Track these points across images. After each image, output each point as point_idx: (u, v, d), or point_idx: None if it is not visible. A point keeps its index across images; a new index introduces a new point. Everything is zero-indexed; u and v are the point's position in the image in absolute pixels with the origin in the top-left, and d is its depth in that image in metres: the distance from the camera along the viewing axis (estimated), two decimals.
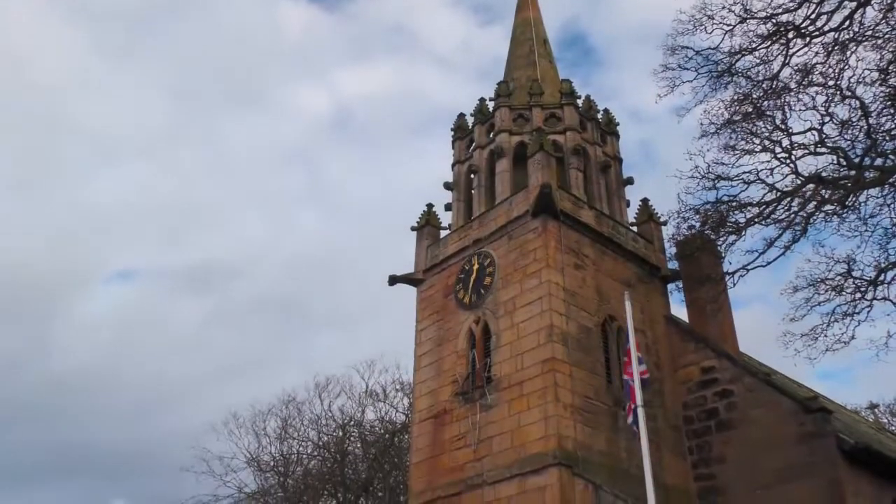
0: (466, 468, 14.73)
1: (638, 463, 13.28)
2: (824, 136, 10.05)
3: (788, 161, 10.13)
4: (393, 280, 18.89)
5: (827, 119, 10.16)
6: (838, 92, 10.06)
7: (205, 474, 36.12)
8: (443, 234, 19.14)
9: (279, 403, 30.91)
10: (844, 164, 9.75)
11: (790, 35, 10.39)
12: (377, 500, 29.45)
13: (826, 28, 10.11)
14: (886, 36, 9.58)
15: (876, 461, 14.05)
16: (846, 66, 9.99)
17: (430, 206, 19.88)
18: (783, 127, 10.44)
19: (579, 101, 19.63)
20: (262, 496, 28.55)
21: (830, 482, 13.16)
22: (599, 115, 20.09)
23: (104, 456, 79.60)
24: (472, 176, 19.52)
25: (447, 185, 19.90)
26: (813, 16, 10.13)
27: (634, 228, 18.65)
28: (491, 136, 19.24)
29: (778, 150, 10.32)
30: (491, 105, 19.73)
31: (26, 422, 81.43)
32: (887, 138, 9.64)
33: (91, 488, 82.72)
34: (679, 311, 18.32)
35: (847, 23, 9.90)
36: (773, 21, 10.45)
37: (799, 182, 9.88)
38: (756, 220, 9.98)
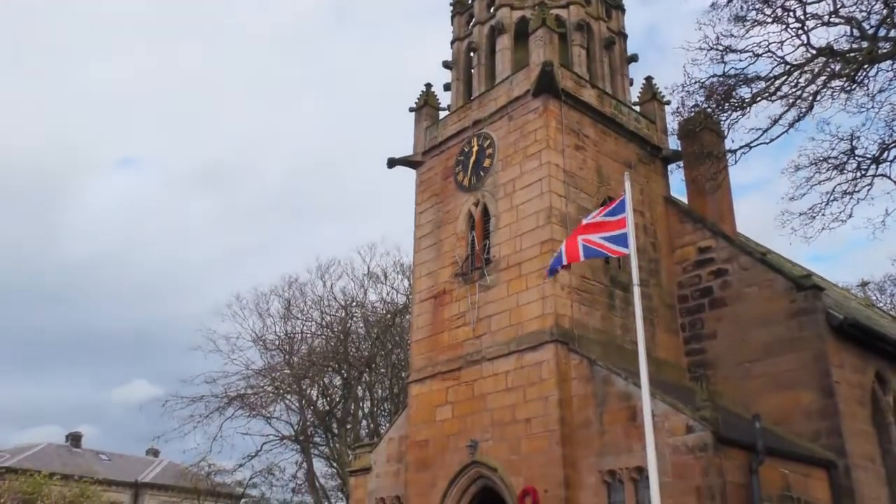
0: (465, 345, 15.23)
1: (632, 339, 13.73)
2: (839, 4, 9.62)
3: (800, 32, 9.76)
4: (392, 163, 18.75)
5: None
6: None
7: (212, 353, 37.51)
8: (442, 115, 18.79)
9: (282, 285, 31.63)
10: (858, 35, 9.39)
11: None
12: (380, 376, 30.72)
13: None
14: None
15: (863, 335, 14.51)
16: None
17: (428, 86, 19.40)
18: None
19: None
20: (268, 372, 29.69)
21: (816, 355, 13.65)
22: None
23: (120, 338, 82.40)
24: (472, 54, 18.91)
25: (446, 64, 19.33)
26: None
27: (637, 108, 18.31)
28: (491, 10, 18.48)
29: (790, 20, 9.91)
30: None
31: (43, 305, 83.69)
32: None
33: (110, 368, 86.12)
34: (679, 193, 18.36)
35: None
36: None
37: (810, 55, 9.56)
38: (762, 95, 9.75)
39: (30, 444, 42.59)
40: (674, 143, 18.06)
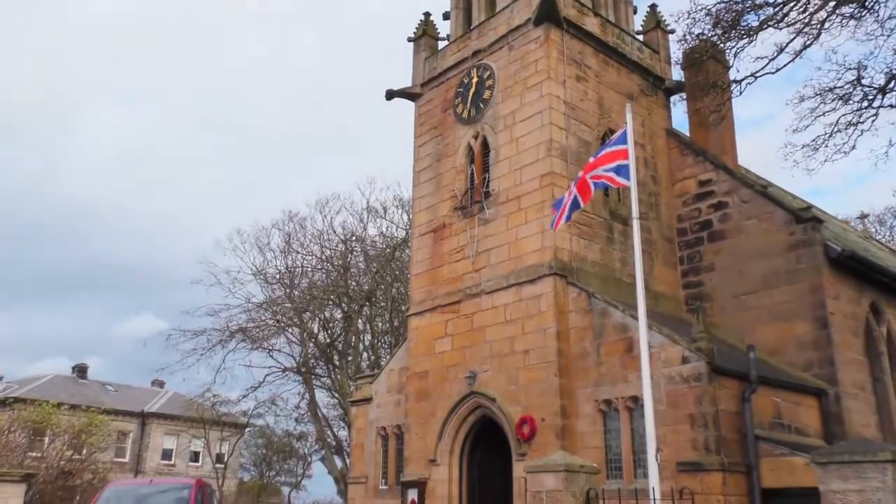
0: (465, 279, 15.33)
1: (630, 272, 13.82)
2: None
3: None
4: (390, 94, 18.43)
5: None
6: None
7: (214, 286, 37.85)
8: (441, 45, 18.37)
9: (282, 219, 31.62)
10: None
11: None
12: (380, 309, 31.04)
13: None
14: None
15: (859, 267, 14.60)
16: None
17: (427, 14, 18.88)
18: None
19: None
20: (269, 306, 29.99)
21: (813, 287, 13.77)
22: None
23: (125, 273, 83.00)
24: None
25: None
26: None
27: (640, 38, 17.88)
28: None
29: None
30: None
31: (48, 241, 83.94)
32: None
33: (117, 303, 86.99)
34: (681, 126, 18.14)
35: None
36: None
37: None
38: (770, 22, 9.49)
39: (37, 375, 43.42)
40: (677, 74, 17.74)
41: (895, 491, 6.39)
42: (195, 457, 42.15)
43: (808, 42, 9.41)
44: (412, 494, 15.00)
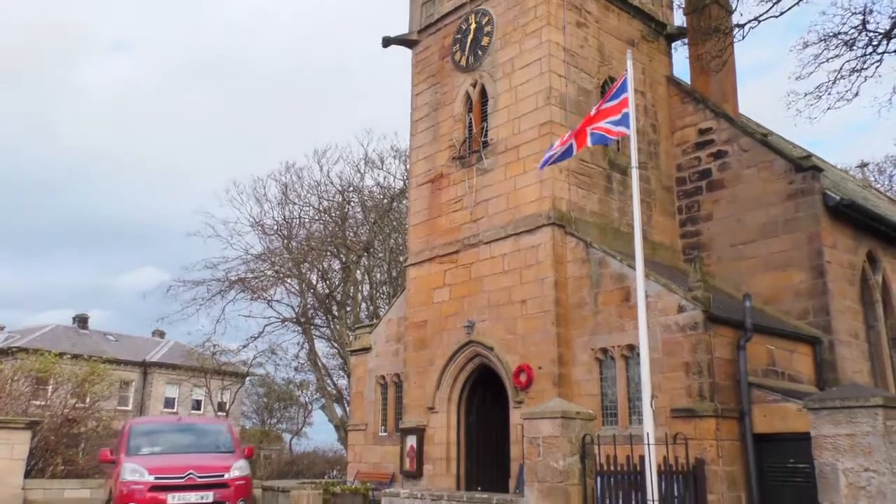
0: (463, 229, 15.31)
1: (628, 221, 13.82)
2: None
3: None
4: (387, 41, 18.10)
5: None
6: None
7: (211, 238, 37.82)
8: None
9: (279, 169, 31.47)
10: None
11: None
12: (378, 260, 31.13)
13: None
14: None
15: (858, 216, 14.59)
16: None
17: None
18: None
19: None
20: (267, 257, 30.04)
21: (810, 236, 13.79)
22: None
23: (126, 225, 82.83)
24: None
25: None
26: None
27: None
28: None
29: None
30: None
31: (44, 194, 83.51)
32: None
33: (118, 254, 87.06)
34: (682, 75, 17.87)
35: None
36: None
37: None
38: None
39: (38, 325, 43.76)
40: (679, 20, 17.40)
41: (885, 435, 6.51)
42: (197, 405, 42.81)
43: None
44: (411, 441, 15.30)
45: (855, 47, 9.67)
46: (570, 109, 14.40)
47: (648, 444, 9.34)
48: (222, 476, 11.50)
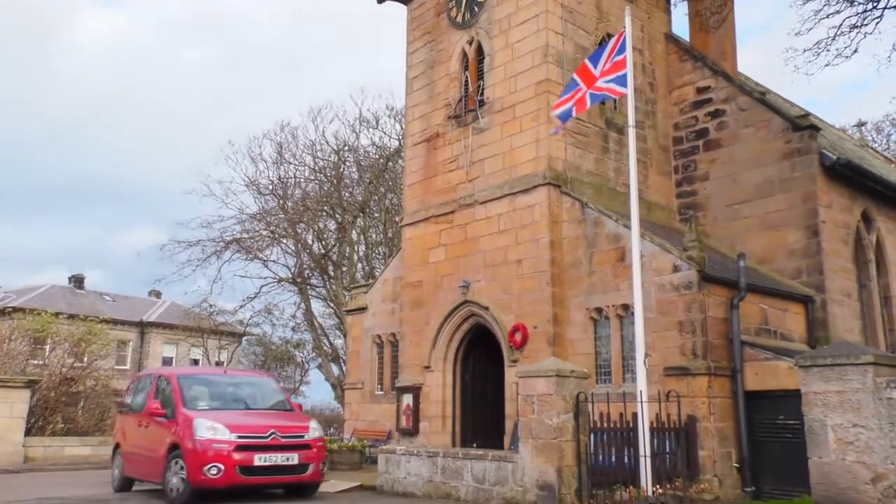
0: (459, 189, 15.26)
1: (624, 181, 13.78)
2: None
3: None
4: None
5: None
6: None
7: (207, 197, 37.64)
8: None
9: (274, 128, 31.16)
10: None
11: None
12: (373, 220, 31.07)
13: None
14: None
15: (854, 175, 14.58)
16: None
17: None
18: None
19: None
20: (263, 217, 29.95)
21: (806, 195, 13.79)
22: None
23: (124, 185, 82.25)
24: None
25: None
26: None
27: None
28: None
29: None
30: None
31: (43, 152, 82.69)
32: None
33: (116, 214, 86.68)
34: (681, 32, 17.62)
35: None
36: None
37: None
38: None
39: (34, 285, 43.79)
40: None
41: (874, 392, 6.62)
42: (195, 364, 43.18)
43: None
44: (407, 399, 15.49)
45: (856, 2, 9.55)
46: (568, 67, 14.22)
47: (641, 402, 9.48)
48: (302, 437, 10.61)
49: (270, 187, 30.30)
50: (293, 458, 10.25)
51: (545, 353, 12.45)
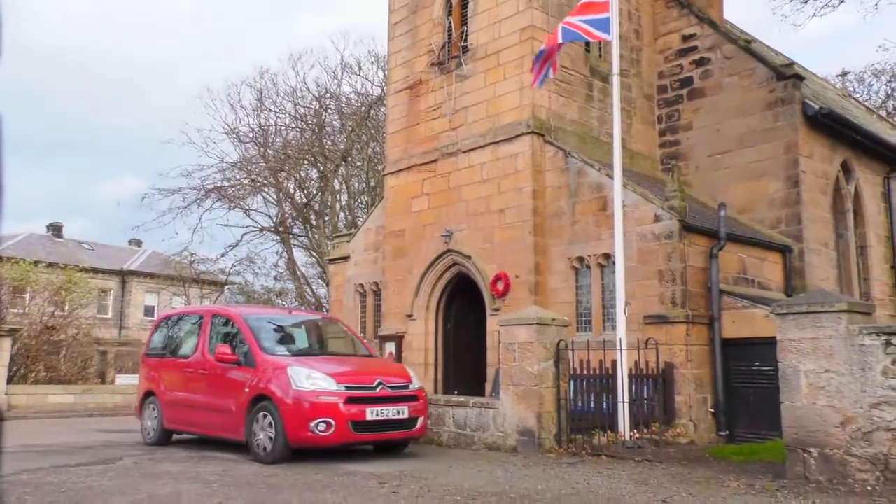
0: (442, 137, 15.12)
1: (608, 130, 13.71)
2: None
3: None
4: None
5: None
6: None
7: (185, 145, 36.98)
8: None
9: (253, 75, 30.50)
10: None
11: None
12: (356, 169, 30.80)
13: None
14: None
15: (835, 125, 14.63)
16: None
17: None
18: None
19: None
20: (244, 165, 29.58)
21: (787, 145, 13.85)
22: None
23: (103, 133, 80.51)
24: None
25: None
26: None
27: None
28: None
29: None
30: None
31: (16, 100, 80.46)
32: None
33: (96, 163, 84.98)
34: None
35: None
36: None
37: None
38: None
39: (11, 234, 43.16)
40: None
41: (847, 338, 6.77)
42: None
43: None
44: (390, 347, 15.64)
45: None
46: (552, 14, 13.97)
47: (621, 349, 9.65)
48: (408, 387, 9.41)
49: (251, 135, 29.88)
50: (403, 412, 9.06)
51: (527, 302, 12.57)
